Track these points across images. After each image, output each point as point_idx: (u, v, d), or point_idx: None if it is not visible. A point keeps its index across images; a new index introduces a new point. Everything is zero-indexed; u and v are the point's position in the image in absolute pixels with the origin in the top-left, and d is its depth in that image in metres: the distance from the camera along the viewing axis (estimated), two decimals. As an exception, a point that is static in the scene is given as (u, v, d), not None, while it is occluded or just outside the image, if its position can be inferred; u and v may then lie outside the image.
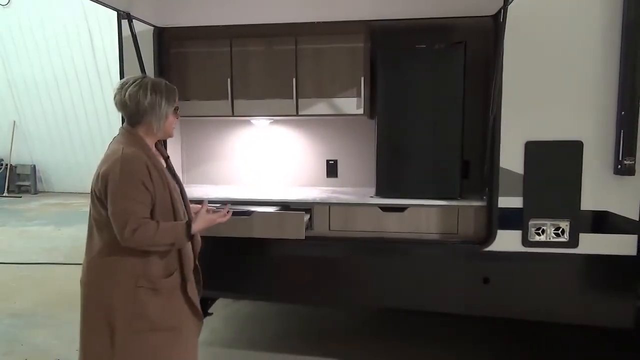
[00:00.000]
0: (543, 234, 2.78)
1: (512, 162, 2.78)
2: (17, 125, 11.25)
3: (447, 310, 2.97)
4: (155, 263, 1.99)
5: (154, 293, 1.98)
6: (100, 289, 1.97)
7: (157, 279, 1.99)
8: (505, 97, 2.74)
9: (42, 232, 7.44)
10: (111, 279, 1.96)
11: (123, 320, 1.95)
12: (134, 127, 2.02)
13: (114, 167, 1.90)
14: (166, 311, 2.02)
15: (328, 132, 3.66)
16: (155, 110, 1.99)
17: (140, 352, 1.99)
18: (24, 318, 4.14)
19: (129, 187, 1.89)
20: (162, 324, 2.01)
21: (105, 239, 1.95)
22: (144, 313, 1.97)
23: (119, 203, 1.88)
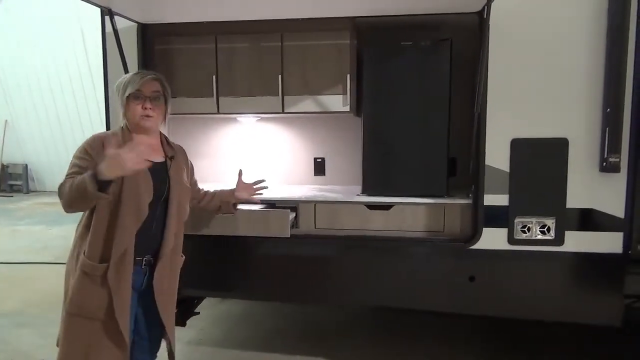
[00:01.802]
0: (529, 231, 2.77)
1: (498, 159, 2.76)
2: (9, 124, 11.20)
3: (433, 309, 2.95)
4: (93, 245, 1.96)
5: (88, 279, 1.97)
6: (66, 267, 2.10)
7: (90, 263, 1.96)
8: (491, 95, 2.72)
9: (32, 232, 7.40)
10: (69, 259, 2.08)
11: (66, 299, 2.02)
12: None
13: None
14: (88, 298, 1.97)
15: (316, 129, 3.64)
16: (118, 102, 2.10)
17: (69, 335, 2.01)
18: (10, 318, 4.11)
19: (75, 156, 1.99)
20: (77, 308, 1.98)
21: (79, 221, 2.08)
22: (77, 296, 1.98)
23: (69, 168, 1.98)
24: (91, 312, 1.98)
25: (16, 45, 10.45)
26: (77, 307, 1.98)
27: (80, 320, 1.98)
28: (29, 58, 10.40)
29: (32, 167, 11.36)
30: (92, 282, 1.97)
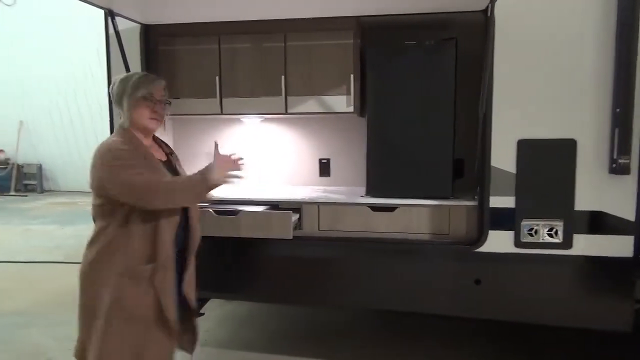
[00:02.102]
0: (536, 234, 2.71)
1: (504, 161, 2.70)
2: (24, 125, 11.35)
3: (438, 312, 2.91)
4: (136, 250, 1.99)
5: (133, 282, 1.99)
6: (90, 277, 2.02)
7: (136, 266, 2.00)
8: (497, 95, 2.67)
9: (45, 231, 7.47)
10: (97, 267, 2.00)
11: (104, 307, 1.97)
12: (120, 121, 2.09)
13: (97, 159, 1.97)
14: (143, 301, 2.02)
15: (321, 130, 3.61)
16: (120, 103, 2.07)
17: (114, 341, 1.99)
18: (19, 317, 4.14)
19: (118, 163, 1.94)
20: (131, 314, 2.00)
21: (97, 229, 2.03)
22: (121, 302, 1.98)
23: (118, 180, 1.93)
24: (139, 314, 2.02)
25: (30, 47, 10.59)
26: (125, 311, 1.99)
27: (127, 323, 2.00)
28: (42, 59, 10.53)
29: (46, 167, 11.50)
30: (137, 284, 2.00)
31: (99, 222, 2.03)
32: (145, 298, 2.02)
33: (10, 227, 7.82)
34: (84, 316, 2.05)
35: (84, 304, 2.04)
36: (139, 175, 1.94)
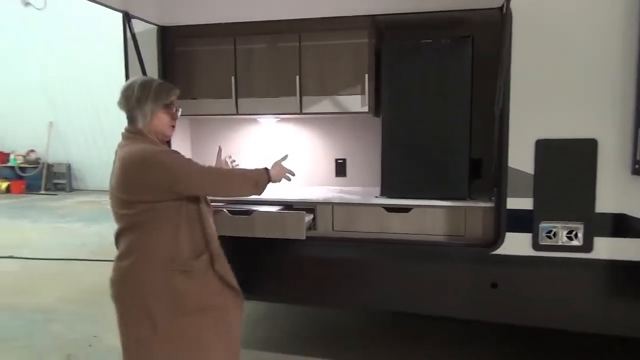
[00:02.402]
0: (554, 237, 2.63)
1: (522, 161, 2.64)
2: (54, 126, 11.66)
3: (453, 315, 2.85)
4: (185, 245, 2.03)
5: (187, 275, 2.02)
6: (136, 280, 2.00)
7: (188, 260, 2.03)
8: (514, 93, 2.60)
9: (72, 229, 7.66)
10: (145, 269, 1.99)
11: (161, 306, 1.99)
12: (131, 126, 2.07)
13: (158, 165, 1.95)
14: (203, 292, 2.07)
15: (337, 130, 3.60)
16: (141, 108, 2.03)
17: (184, 335, 2.02)
18: (44, 313, 4.25)
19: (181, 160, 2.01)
20: (200, 305, 2.06)
21: (135, 236, 2.00)
22: (180, 296, 2.01)
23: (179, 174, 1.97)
24: (205, 304, 2.07)
25: (59, 49, 10.87)
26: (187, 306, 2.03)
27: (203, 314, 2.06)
28: (71, 61, 10.80)
29: (75, 166, 11.79)
30: (192, 277, 2.04)
31: (138, 228, 1.99)
32: (206, 288, 2.09)
33: (40, 225, 8.05)
34: (134, 322, 2.02)
35: (130, 309, 2.03)
36: (203, 167, 2.04)
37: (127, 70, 3.10)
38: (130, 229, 2.01)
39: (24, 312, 4.27)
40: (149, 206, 1.97)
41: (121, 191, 1.99)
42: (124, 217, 2.02)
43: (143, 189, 1.95)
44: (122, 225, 2.04)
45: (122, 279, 2.04)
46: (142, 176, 1.94)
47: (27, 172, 11.64)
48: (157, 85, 2.07)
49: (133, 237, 2.01)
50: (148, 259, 1.99)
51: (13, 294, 4.75)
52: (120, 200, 2.00)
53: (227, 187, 2.16)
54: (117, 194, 2.00)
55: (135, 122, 2.06)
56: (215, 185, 2.10)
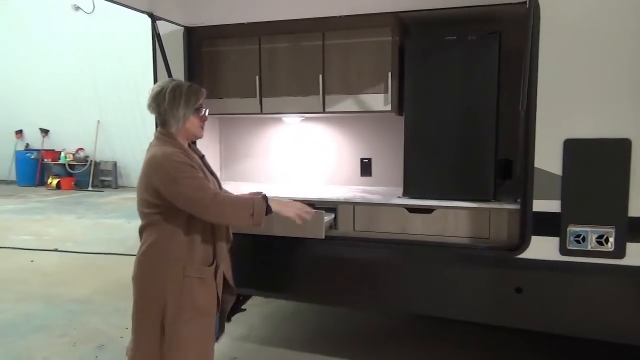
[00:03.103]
0: (583, 242, 2.50)
1: (549, 161, 2.52)
2: (101, 125, 12.14)
3: (476, 320, 2.77)
4: (199, 253, 2.11)
5: (199, 282, 2.11)
6: (151, 281, 2.09)
7: (201, 267, 2.11)
8: (542, 90, 2.49)
9: (114, 225, 7.95)
10: (161, 271, 2.07)
11: (173, 308, 2.06)
12: (163, 129, 2.14)
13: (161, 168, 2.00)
14: (209, 298, 2.17)
15: (363, 129, 3.57)
16: (173, 112, 2.09)
17: (188, 338, 2.11)
18: (81, 304, 4.44)
19: (183, 172, 2.00)
20: (205, 310, 2.15)
21: (155, 235, 2.08)
22: (192, 301, 2.09)
23: (185, 190, 1.99)
24: (208, 309, 2.17)
25: (108, 51, 11.31)
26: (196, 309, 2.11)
27: (202, 319, 2.15)
28: (118, 62, 11.20)
29: (120, 164, 12.23)
30: (204, 284, 2.13)
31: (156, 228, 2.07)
32: (212, 294, 2.18)
33: (85, 220, 8.39)
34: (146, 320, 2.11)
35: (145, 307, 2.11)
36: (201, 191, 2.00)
37: (155, 71, 3.18)
38: (151, 227, 2.09)
39: (62, 302, 4.46)
40: (164, 209, 2.04)
41: (142, 189, 2.07)
42: (146, 215, 2.10)
43: (154, 191, 2.02)
44: (144, 222, 2.12)
45: (141, 278, 2.12)
46: (151, 179, 2.03)
47: (76, 170, 12.17)
48: (187, 89, 2.12)
49: (154, 235, 2.08)
50: (166, 261, 2.07)
51: (54, 284, 4.97)
52: (142, 199, 2.08)
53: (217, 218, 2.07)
54: (140, 191, 2.09)
55: (167, 125, 2.12)
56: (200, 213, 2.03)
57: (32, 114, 12.61)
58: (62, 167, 12.20)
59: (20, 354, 3.47)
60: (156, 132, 2.18)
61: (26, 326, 3.94)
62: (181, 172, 2.00)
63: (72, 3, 11.61)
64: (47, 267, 5.61)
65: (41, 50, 12.24)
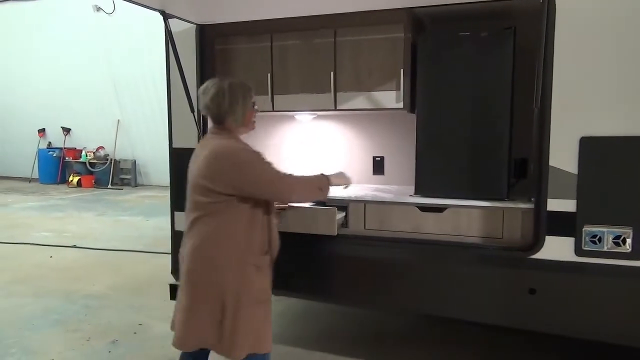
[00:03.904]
0: (599, 242, 2.44)
1: (564, 160, 2.46)
2: (121, 123, 12.31)
3: (488, 321, 2.72)
4: (257, 243, 2.21)
5: (257, 269, 2.21)
6: (211, 269, 2.16)
7: (259, 256, 2.22)
8: (557, 87, 2.44)
9: (132, 222, 8.05)
10: (221, 260, 2.15)
11: (233, 295, 2.15)
12: (222, 125, 2.22)
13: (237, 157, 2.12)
14: (265, 286, 2.28)
15: (375, 127, 3.54)
16: (233, 109, 2.19)
17: (247, 323, 2.18)
18: (96, 300, 4.49)
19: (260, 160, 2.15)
20: (262, 298, 2.25)
21: (214, 225, 2.15)
22: (251, 288, 2.19)
23: (265, 175, 2.14)
24: (265, 297, 2.29)
25: (127, 51, 11.46)
26: (252, 296, 2.20)
27: (260, 306, 2.25)
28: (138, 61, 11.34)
29: (140, 162, 12.39)
30: (261, 271, 2.24)
31: (215, 218, 2.14)
32: (267, 282, 2.30)
33: (104, 218, 8.51)
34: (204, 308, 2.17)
35: (203, 296, 2.17)
36: (278, 173, 2.17)
37: (169, 69, 3.19)
38: (208, 217, 2.15)
39: (78, 297, 4.52)
40: (227, 198, 2.11)
41: (204, 178, 2.13)
42: (204, 205, 2.15)
43: (221, 181, 2.10)
44: (200, 212, 2.17)
45: (200, 268, 2.18)
46: (221, 169, 2.10)
47: (96, 168, 12.36)
48: (242, 87, 2.23)
49: (212, 225, 2.15)
50: (225, 248, 2.15)
51: (72, 280, 5.05)
52: (202, 188, 2.14)
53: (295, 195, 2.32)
54: (199, 180, 2.14)
55: (224, 122, 2.21)
56: (280, 194, 2.25)
57: (55, 112, 12.87)
58: (83, 165, 12.42)
59: (35, 349, 3.52)
60: (213, 129, 2.26)
61: (43, 321, 4.01)
62: (258, 159, 2.14)
63: (93, 4, 11.78)
64: (65, 263, 5.70)
65: (63, 51, 12.45)
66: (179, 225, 3.28)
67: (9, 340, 3.63)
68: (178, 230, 3.30)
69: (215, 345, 2.20)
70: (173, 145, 3.29)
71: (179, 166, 3.28)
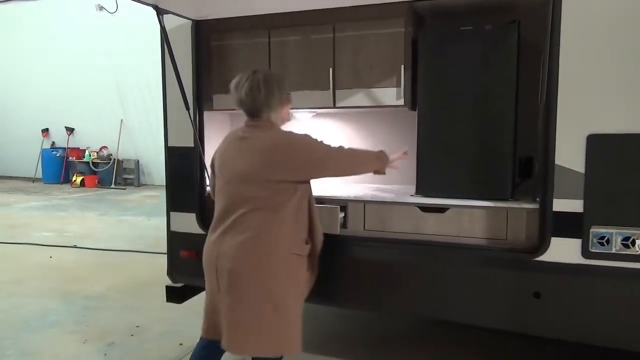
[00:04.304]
0: (607, 244, 2.34)
1: (571, 158, 2.36)
2: (124, 123, 12.28)
3: (490, 325, 2.62)
4: (300, 229, 2.25)
5: (300, 259, 2.25)
6: (265, 262, 2.16)
7: (302, 245, 2.26)
8: (563, 81, 2.33)
9: (134, 222, 8.01)
10: (274, 250, 2.16)
11: (283, 287, 2.19)
12: (258, 118, 2.23)
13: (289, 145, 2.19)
14: (307, 274, 2.34)
15: (375, 125, 3.45)
16: (269, 101, 2.20)
17: (292, 310, 2.25)
18: (95, 300, 4.44)
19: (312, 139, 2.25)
20: (305, 285, 2.34)
21: (265, 217, 2.15)
22: (296, 277, 2.25)
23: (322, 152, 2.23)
24: (306, 285, 2.38)
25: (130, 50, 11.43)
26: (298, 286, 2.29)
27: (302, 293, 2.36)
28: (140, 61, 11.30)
29: (143, 162, 12.36)
30: (302, 261, 2.28)
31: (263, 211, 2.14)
32: (308, 270, 2.35)
33: (106, 217, 8.48)
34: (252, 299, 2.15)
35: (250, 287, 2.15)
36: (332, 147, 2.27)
37: (164, 66, 3.12)
38: (259, 209, 2.14)
39: (77, 299, 4.48)
40: (286, 187, 2.15)
41: (263, 170, 2.13)
42: (257, 198, 2.14)
43: (285, 169, 2.14)
44: (250, 206, 2.15)
45: (242, 257, 2.16)
46: (283, 158, 2.14)
47: (99, 167, 12.35)
48: (277, 79, 2.25)
49: (262, 216, 2.14)
50: (272, 240, 2.15)
51: (71, 281, 5.00)
52: (259, 181, 2.14)
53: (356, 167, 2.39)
54: (256, 173, 2.14)
55: (260, 115, 2.22)
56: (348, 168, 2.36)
57: (58, 112, 12.87)
58: (86, 165, 12.41)
59: (31, 351, 3.47)
60: (249, 122, 2.25)
61: (40, 322, 3.96)
62: (313, 139, 2.22)
63: (96, 3, 11.77)
64: (65, 263, 5.66)
65: (66, 50, 12.46)
66: (174, 226, 3.21)
67: (6, 342, 3.59)
68: (174, 231, 3.24)
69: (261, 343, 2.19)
70: (169, 144, 3.21)
71: (175, 165, 3.24)
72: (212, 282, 2.28)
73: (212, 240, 2.25)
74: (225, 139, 2.38)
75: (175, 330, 3.74)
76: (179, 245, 3.18)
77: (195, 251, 3.11)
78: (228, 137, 2.36)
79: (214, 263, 2.22)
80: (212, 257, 2.23)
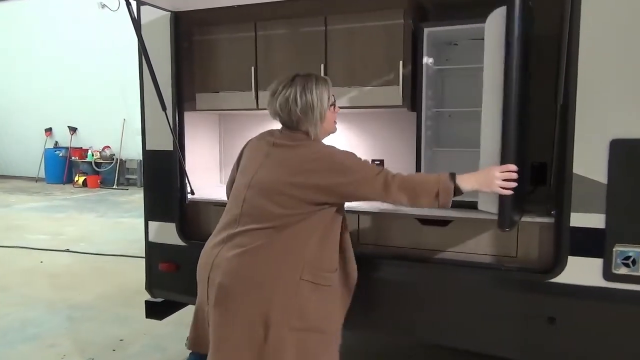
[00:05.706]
0: (633, 265, 2.05)
1: (591, 167, 2.07)
2: (127, 123, 12.11)
3: (498, 353, 2.34)
4: (326, 256, 1.98)
5: (314, 288, 1.94)
6: (260, 282, 1.91)
7: (323, 272, 1.96)
8: (583, 81, 2.05)
9: (133, 224, 7.80)
10: (275, 272, 1.91)
11: (281, 315, 1.89)
12: (299, 131, 2.00)
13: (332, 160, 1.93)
14: (321, 311, 1.98)
15: (375, 128, 3.17)
16: (308, 117, 1.96)
17: (292, 351, 1.91)
18: (80, 310, 4.23)
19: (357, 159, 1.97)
20: (317, 324, 1.97)
21: (277, 238, 1.91)
22: (303, 310, 1.92)
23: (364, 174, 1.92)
24: (318, 325, 1.98)
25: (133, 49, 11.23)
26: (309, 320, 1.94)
27: (309, 334, 1.96)
28: (143, 60, 11.12)
29: (146, 162, 12.19)
30: (320, 291, 1.96)
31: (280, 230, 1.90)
32: (325, 307, 1.99)
33: (104, 219, 8.30)
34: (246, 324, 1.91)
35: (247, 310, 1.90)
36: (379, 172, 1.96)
37: (141, 64, 2.88)
38: (275, 229, 1.90)
39: (62, 308, 4.27)
40: (312, 209, 1.90)
41: (290, 186, 1.90)
42: (277, 215, 1.90)
43: (317, 188, 1.89)
44: (267, 223, 1.91)
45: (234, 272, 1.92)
46: (318, 175, 1.89)
47: (102, 167, 12.19)
48: (318, 87, 1.97)
49: (274, 237, 1.90)
50: (272, 260, 1.90)
51: (58, 288, 4.80)
52: (284, 197, 1.90)
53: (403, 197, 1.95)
54: (283, 188, 1.90)
55: (298, 128, 1.99)
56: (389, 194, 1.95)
57: (61, 112, 12.75)
58: (89, 165, 12.27)
59: (4, 367, 3.26)
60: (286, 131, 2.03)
61: (18, 334, 3.75)
62: (354, 157, 1.96)
63: (98, 1, 11.61)
64: (55, 268, 5.47)
65: (69, 49, 12.35)
66: (153, 236, 2.97)
67: (-21, 356, 3.38)
68: (153, 242, 2.99)
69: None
70: (146, 147, 2.97)
71: (153, 170, 3.00)
72: (202, 293, 2.04)
73: (210, 247, 2.02)
74: (261, 136, 2.15)
75: (160, 345, 3.51)
76: (157, 257, 2.94)
77: (175, 264, 2.87)
78: (264, 136, 2.13)
79: (206, 273, 1.98)
80: (205, 267, 2.00)
